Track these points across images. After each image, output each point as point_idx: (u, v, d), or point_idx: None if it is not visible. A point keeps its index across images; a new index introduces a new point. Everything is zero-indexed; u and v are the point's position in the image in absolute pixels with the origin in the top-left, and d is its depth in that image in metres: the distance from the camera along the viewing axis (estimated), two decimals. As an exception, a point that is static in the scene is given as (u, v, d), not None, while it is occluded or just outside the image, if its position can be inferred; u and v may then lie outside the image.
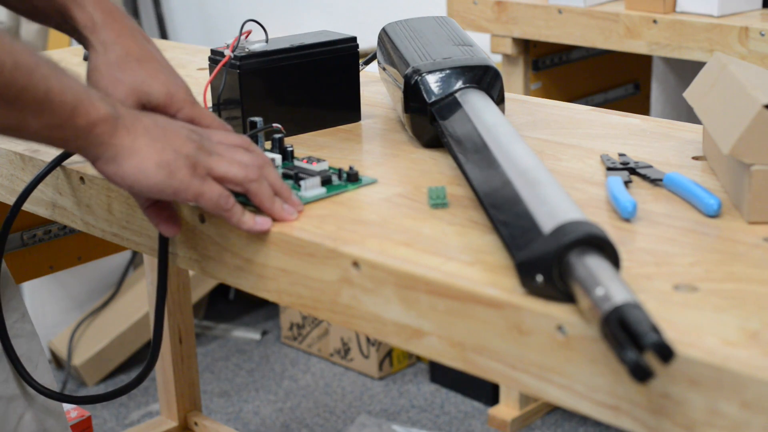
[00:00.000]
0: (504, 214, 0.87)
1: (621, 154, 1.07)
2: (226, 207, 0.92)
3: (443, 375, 2.48)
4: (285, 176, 1.03)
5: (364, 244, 0.89)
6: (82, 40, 1.05)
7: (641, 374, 0.66)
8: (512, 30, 2.03)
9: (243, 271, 0.97)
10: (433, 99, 1.10)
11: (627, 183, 0.99)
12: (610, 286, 0.71)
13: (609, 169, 1.03)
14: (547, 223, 0.80)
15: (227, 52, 1.15)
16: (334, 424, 2.36)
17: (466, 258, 0.85)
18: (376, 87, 1.38)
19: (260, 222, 0.93)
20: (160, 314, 1.09)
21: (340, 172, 1.03)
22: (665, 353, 0.66)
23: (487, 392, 2.39)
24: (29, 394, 1.22)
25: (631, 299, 0.70)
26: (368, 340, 2.53)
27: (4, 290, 1.22)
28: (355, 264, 0.87)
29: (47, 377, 1.23)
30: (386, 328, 0.87)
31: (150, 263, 2.00)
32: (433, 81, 1.10)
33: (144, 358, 2.66)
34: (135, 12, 3.10)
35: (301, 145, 1.16)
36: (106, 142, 0.88)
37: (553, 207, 0.82)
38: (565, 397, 0.77)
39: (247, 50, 1.16)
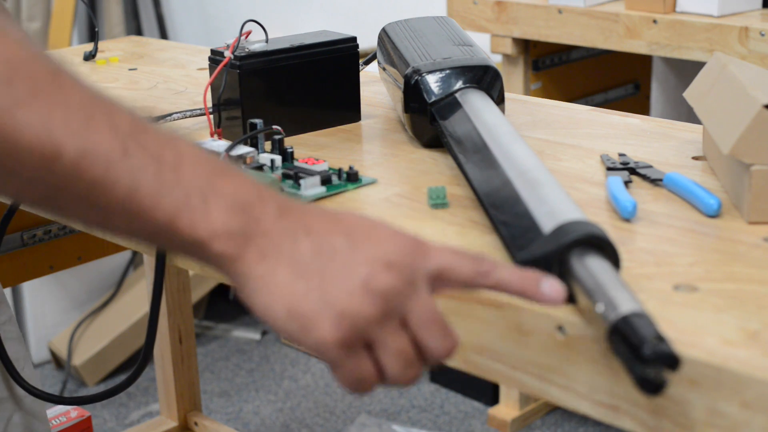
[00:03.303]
0: (504, 214, 0.86)
1: (621, 154, 1.07)
2: (361, 390, 0.68)
3: (443, 375, 2.48)
4: (285, 176, 1.03)
5: (364, 244, 0.88)
6: None
7: (653, 388, 0.65)
8: (512, 30, 2.03)
9: (243, 271, 0.97)
10: (433, 99, 1.10)
11: (627, 183, 0.99)
12: (615, 293, 0.70)
13: (609, 169, 1.03)
14: (547, 223, 0.80)
15: (227, 53, 1.15)
16: (334, 424, 2.36)
17: (466, 258, 0.85)
18: (376, 87, 1.38)
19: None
20: (155, 312, 1.08)
21: (340, 172, 1.03)
22: (672, 362, 0.65)
23: (487, 392, 2.39)
24: (17, 396, 1.22)
25: (638, 308, 0.68)
26: (368, 340, 2.52)
27: None
28: (355, 264, 0.87)
29: (34, 380, 1.24)
30: (386, 328, 0.87)
31: (150, 263, 2.00)
32: (433, 81, 1.10)
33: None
34: (135, 12, 3.10)
35: (301, 145, 1.16)
36: (225, 266, 0.64)
37: (553, 207, 0.82)
38: (565, 397, 0.77)
39: (247, 50, 1.16)
